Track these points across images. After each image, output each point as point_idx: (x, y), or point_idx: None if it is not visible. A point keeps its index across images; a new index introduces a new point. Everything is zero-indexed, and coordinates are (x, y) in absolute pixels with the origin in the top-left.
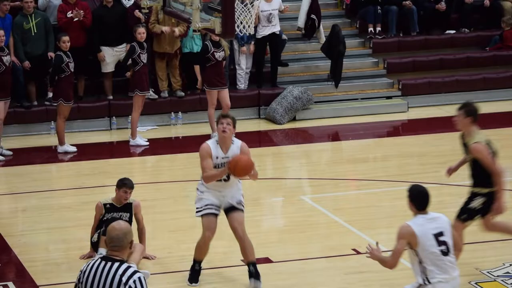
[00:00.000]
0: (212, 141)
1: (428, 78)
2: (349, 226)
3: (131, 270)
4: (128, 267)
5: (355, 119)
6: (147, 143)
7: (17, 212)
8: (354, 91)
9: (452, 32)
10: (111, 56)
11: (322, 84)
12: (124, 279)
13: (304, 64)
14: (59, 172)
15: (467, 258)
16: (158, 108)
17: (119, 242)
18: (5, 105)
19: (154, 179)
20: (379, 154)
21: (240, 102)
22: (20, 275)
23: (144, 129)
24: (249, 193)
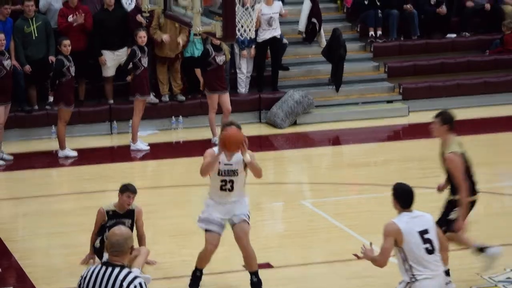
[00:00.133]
0: (217, 148)
1: (429, 82)
2: (350, 230)
3: (132, 275)
4: (129, 273)
5: (356, 123)
6: (148, 148)
7: (17, 217)
8: (355, 95)
9: (453, 36)
10: (112, 60)
11: (323, 88)
12: (125, 285)
13: (305, 68)
14: (60, 176)
15: (468, 263)
16: (159, 112)
17: (120, 247)
18: (5, 109)
19: (155, 183)
20: (380, 158)
21: (240, 106)
22: (20, 280)
23: (145, 133)
24: (249, 197)
